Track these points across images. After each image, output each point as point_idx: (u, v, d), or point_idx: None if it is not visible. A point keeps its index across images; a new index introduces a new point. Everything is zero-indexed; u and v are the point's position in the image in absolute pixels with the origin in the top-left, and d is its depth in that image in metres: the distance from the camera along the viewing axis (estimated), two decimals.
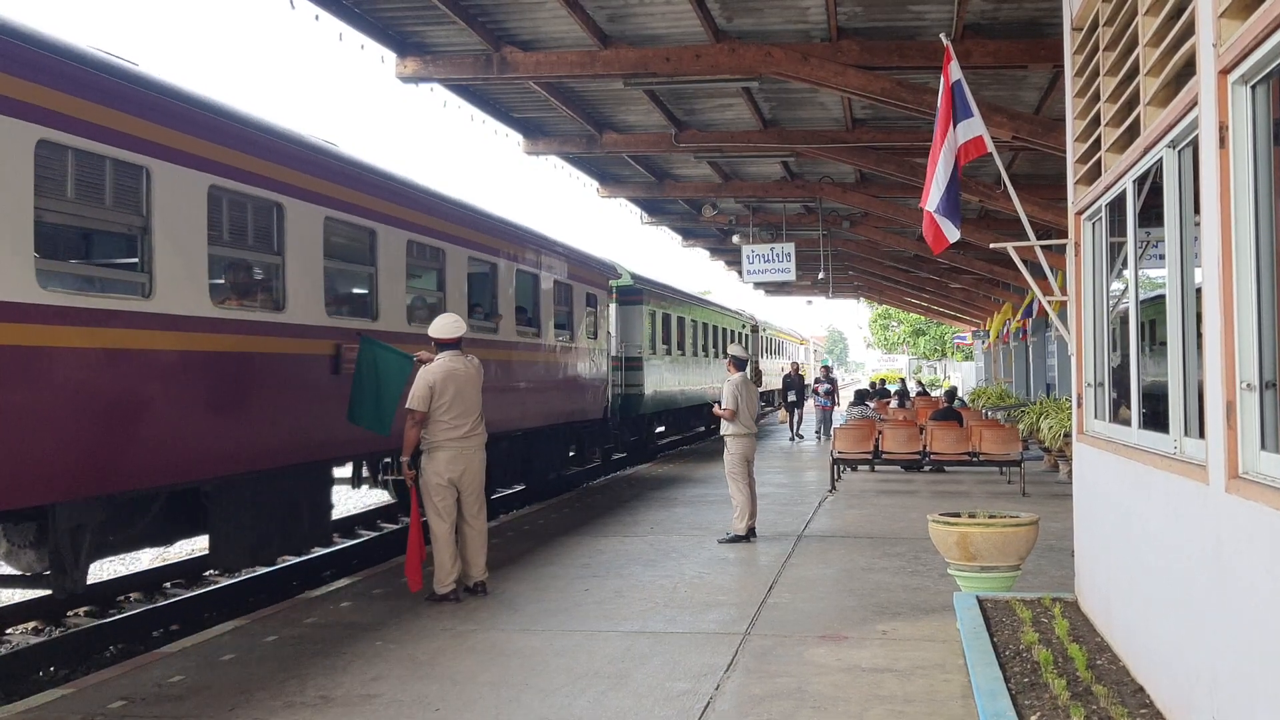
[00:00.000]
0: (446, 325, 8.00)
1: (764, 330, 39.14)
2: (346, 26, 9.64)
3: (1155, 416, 4.89)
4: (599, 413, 16.67)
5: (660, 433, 25.62)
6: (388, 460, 10.40)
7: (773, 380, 38.92)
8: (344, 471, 10.27)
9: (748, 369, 11.12)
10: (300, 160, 8.47)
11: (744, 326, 33.95)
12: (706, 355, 27.53)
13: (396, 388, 8.29)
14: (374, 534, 12.82)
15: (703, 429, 29.42)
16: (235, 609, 8.83)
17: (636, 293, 20.57)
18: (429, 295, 10.87)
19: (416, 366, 7.96)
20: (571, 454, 16.83)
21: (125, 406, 6.57)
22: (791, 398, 26.77)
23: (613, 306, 18.87)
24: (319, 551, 11.22)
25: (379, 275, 9.57)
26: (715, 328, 29.06)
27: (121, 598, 9.57)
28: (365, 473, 10.61)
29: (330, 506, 9.46)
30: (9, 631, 8.43)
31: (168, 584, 10.22)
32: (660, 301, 22.36)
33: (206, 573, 10.31)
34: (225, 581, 10.11)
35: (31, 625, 8.60)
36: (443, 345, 7.91)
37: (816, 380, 26.70)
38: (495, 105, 13.09)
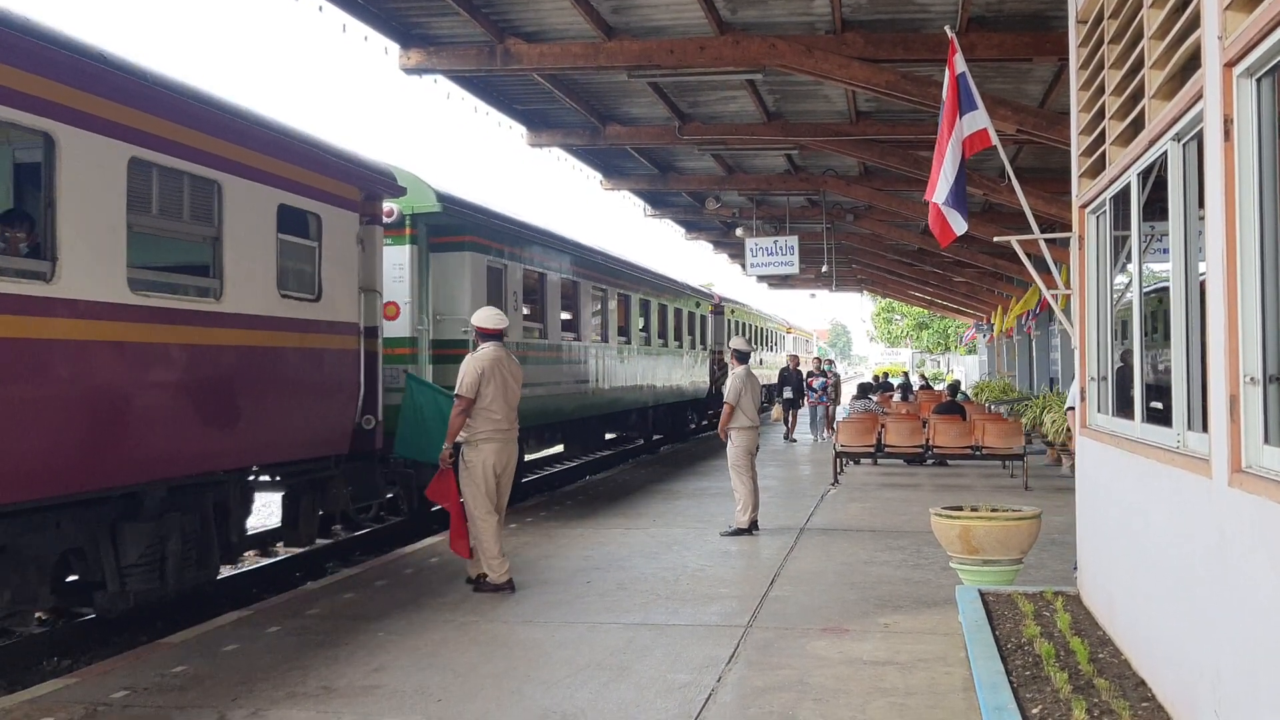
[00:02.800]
0: (489, 316, 8.04)
1: (731, 313, 29.27)
2: (350, 18, 9.64)
3: (1158, 410, 4.89)
4: (335, 444, 9.00)
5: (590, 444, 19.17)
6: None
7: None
8: None
9: (750, 362, 11.09)
10: None
11: (698, 305, 24.92)
12: (629, 342, 18.41)
13: (444, 421, 8.32)
14: (378, 525, 12.83)
15: (643, 442, 23.11)
16: (238, 600, 8.84)
17: (454, 231, 11.64)
18: None
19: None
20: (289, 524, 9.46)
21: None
22: (788, 394, 23.34)
23: (400, 250, 11.05)
24: (322, 542, 11.23)
25: None
26: (646, 302, 19.88)
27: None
28: None
29: None
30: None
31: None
32: (512, 249, 12.94)
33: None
34: (228, 572, 10.11)
35: (35, 615, 8.61)
36: (485, 336, 7.94)
37: (810, 374, 24.47)
38: (499, 97, 13.08)
